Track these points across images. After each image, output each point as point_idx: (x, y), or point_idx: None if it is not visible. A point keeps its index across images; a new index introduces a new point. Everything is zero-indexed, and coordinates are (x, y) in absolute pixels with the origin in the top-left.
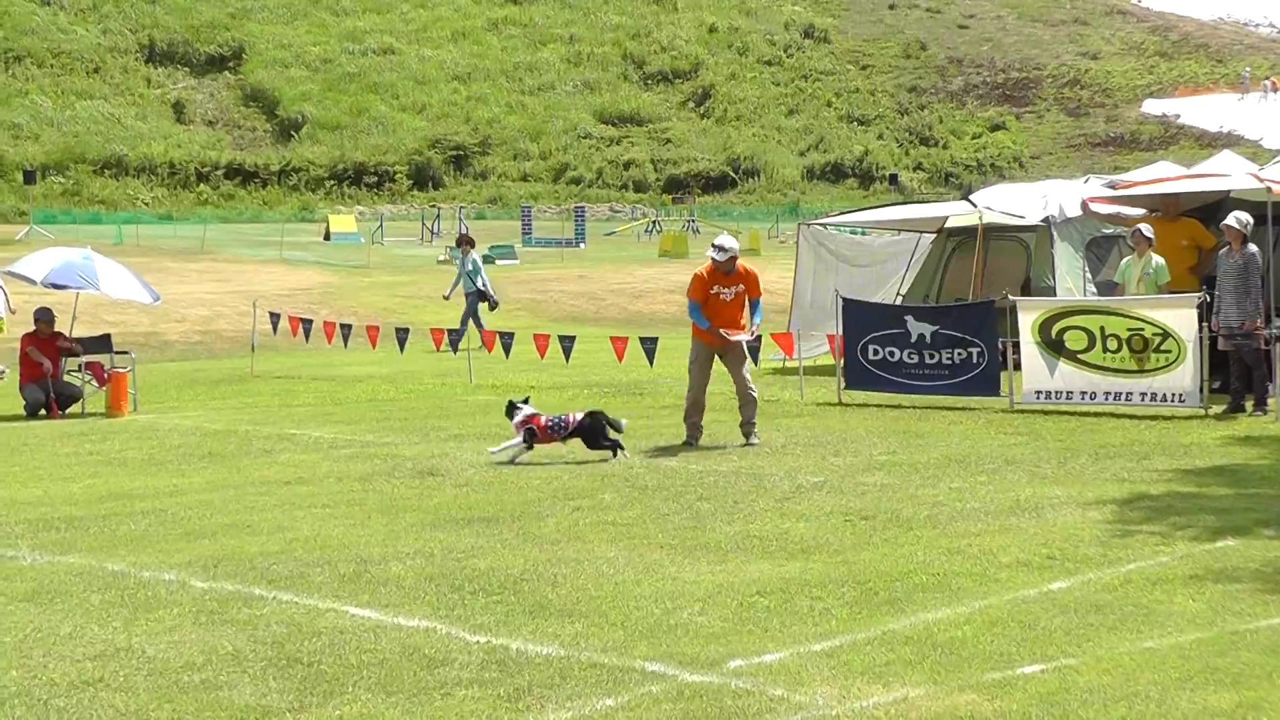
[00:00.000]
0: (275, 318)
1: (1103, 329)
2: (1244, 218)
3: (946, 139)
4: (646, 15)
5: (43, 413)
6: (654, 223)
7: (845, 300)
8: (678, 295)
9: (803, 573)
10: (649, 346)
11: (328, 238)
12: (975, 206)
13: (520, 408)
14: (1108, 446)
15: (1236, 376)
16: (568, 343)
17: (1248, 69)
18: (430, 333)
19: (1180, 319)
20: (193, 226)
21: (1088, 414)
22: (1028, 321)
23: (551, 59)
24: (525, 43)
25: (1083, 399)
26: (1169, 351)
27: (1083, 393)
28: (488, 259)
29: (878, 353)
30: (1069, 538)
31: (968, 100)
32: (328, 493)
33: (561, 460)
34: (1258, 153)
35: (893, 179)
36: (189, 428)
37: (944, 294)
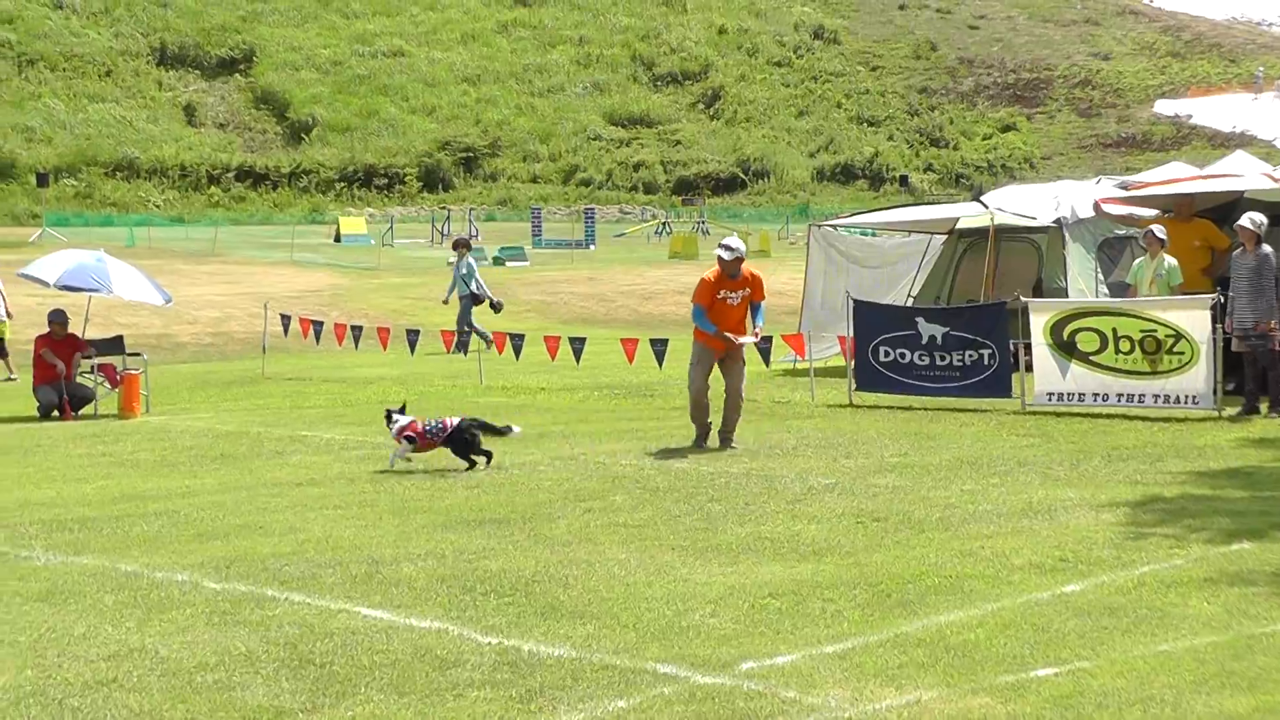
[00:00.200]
0: (286, 319)
1: (1115, 330)
2: (1258, 218)
3: (957, 140)
4: (656, 17)
5: (55, 414)
6: (664, 224)
7: (856, 302)
8: (688, 297)
9: (815, 575)
10: (659, 348)
11: (338, 240)
12: (986, 207)
13: (397, 417)
14: (1120, 449)
15: (1251, 378)
16: (578, 344)
17: (1261, 69)
18: (441, 334)
19: (1193, 320)
20: (204, 229)
21: (1100, 416)
22: (1039, 323)
23: (561, 61)
24: (535, 45)
25: (1095, 401)
26: (1182, 353)
27: (1095, 394)
28: (498, 260)
29: (889, 354)
30: (1082, 540)
31: (978, 101)
32: (339, 494)
33: (572, 462)
34: (1271, 153)
35: (903, 180)
36: (201, 429)
37: (955, 295)
